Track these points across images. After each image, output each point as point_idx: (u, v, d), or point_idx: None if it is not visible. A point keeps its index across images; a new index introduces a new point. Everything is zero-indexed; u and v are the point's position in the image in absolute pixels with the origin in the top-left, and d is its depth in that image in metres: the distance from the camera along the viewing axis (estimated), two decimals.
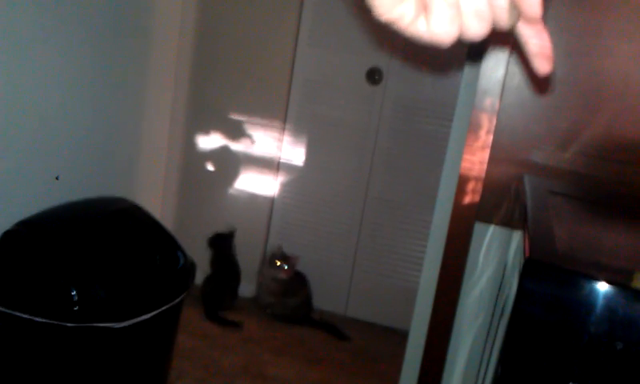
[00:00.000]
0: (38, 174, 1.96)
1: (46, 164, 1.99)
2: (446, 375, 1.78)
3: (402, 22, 0.42)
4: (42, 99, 1.92)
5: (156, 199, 3.02)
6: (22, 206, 1.81)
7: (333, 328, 3.07)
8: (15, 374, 1.74)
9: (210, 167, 3.26)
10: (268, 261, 3.09)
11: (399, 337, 2.74)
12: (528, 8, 0.41)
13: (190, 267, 2.05)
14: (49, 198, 1.94)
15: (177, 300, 1.94)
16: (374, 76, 3.01)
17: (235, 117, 3.18)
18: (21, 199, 1.86)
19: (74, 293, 1.64)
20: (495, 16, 0.41)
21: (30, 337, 1.69)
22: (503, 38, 1.57)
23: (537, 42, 0.44)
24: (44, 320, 1.64)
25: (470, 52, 1.68)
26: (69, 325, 1.64)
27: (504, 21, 0.42)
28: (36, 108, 1.90)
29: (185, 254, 2.04)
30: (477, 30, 0.41)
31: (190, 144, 3.23)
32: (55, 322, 1.64)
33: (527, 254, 0.95)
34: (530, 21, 0.42)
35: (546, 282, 0.93)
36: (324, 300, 3.27)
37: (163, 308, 1.86)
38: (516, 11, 0.41)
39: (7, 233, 1.72)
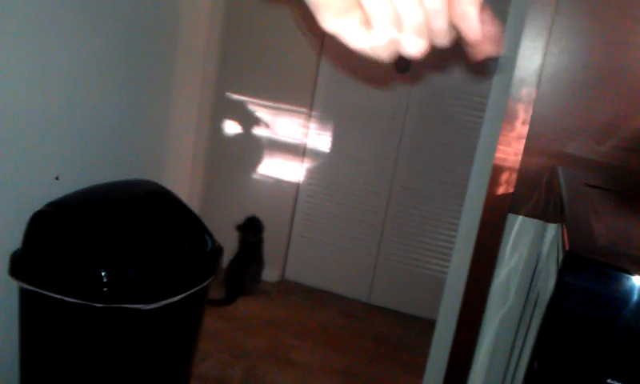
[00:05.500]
0: (72, 157, 1.97)
1: (80, 148, 2.00)
2: (474, 364, 1.77)
3: (345, 35, 0.42)
4: (77, 87, 1.93)
5: (183, 184, 3.04)
6: (53, 189, 1.82)
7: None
8: (45, 353, 1.77)
9: (237, 152, 3.26)
10: None
11: (422, 325, 2.73)
12: (468, 32, 0.41)
13: (218, 251, 2.05)
14: (80, 180, 1.96)
15: (204, 283, 1.94)
16: (402, 63, 2.98)
17: (262, 103, 3.18)
18: (52, 182, 1.88)
19: (103, 274, 1.65)
20: (434, 35, 0.41)
21: (60, 316, 1.71)
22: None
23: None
24: (74, 300, 1.66)
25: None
26: (98, 305, 1.66)
27: (443, 40, 0.41)
28: (71, 95, 1.91)
29: (212, 238, 2.05)
30: (416, 47, 0.41)
31: (217, 129, 3.24)
32: (85, 303, 1.65)
33: (567, 248, 0.93)
34: (471, 41, 0.42)
35: (586, 276, 0.91)
36: (347, 287, 3.27)
37: (191, 291, 1.87)
38: (455, 31, 0.41)
39: (37, 213, 1.73)
